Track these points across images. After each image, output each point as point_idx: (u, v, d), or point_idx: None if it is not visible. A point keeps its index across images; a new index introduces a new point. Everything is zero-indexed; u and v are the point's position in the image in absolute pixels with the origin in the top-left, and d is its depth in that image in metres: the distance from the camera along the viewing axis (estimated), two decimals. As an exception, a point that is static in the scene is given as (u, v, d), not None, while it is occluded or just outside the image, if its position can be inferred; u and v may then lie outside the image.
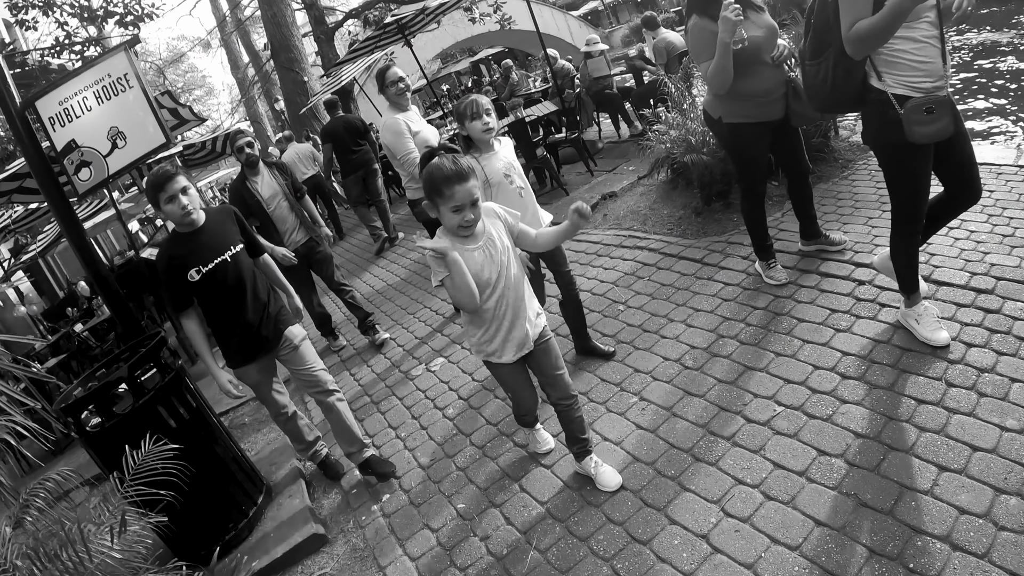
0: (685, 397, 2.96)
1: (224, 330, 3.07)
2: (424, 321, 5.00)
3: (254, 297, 3.06)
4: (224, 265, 2.95)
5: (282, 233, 4.64)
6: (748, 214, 3.58)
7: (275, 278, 3.34)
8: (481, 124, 2.94)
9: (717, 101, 3.33)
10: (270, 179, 4.66)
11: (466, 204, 2.18)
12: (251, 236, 3.24)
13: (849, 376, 2.77)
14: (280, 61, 15.34)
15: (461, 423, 3.46)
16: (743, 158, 3.45)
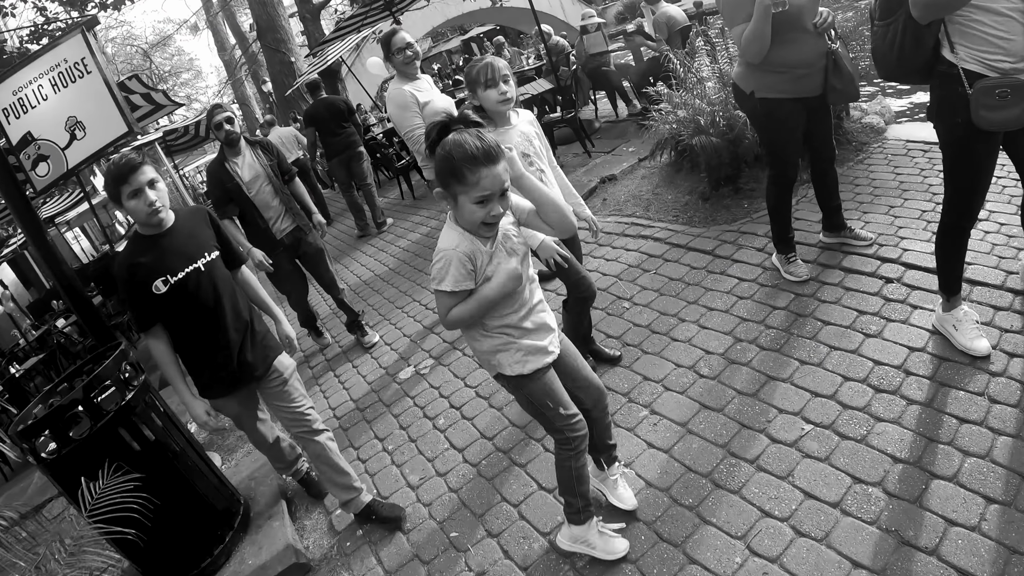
0: (701, 411, 2.68)
1: (197, 355, 2.58)
2: (413, 316, 4.69)
3: (235, 315, 2.58)
4: (197, 275, 2.48)
5: (266, 221, 4.15)
6: (774, 202, 3.26)
7: (258, 298, 2.81)
8: (497, 93, 2.53)
9: (749, 73, 2.99)
10: (252, 160, 4.12)
11: (494, 194, 1.71)
12: (228, 243, 2.73)
13: (883, 389, 2.50)
14: (266, 41, 14.93)
15: (453, 436, 3.16)
16: (775, 139, 3.10)
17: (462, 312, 1.85)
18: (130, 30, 40.88)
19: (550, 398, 2.00)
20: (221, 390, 2.64)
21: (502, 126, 2.61)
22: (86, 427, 2.64)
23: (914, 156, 4.30)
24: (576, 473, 2.08)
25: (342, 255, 7.38)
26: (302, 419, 2.74)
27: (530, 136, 2.67)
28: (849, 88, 2.89)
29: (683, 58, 4.91)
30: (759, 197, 4.24)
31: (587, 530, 2.19)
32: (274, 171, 4.17)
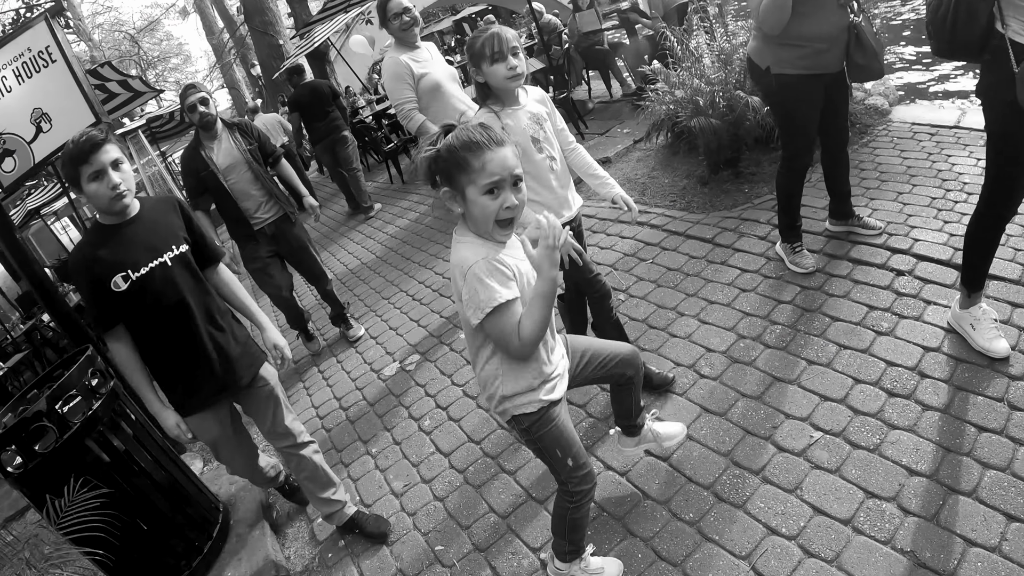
0: (703, 415, 2.51)
1: (167, 365, 2.27)
2: (399, 308, 4.49)
3: (208, 318, 2.28)
4: (163, 270, 2.18)
5: (245, 211, 3.82)
6: (785, 188, 3.05)
7: (239, 301, 2.47)
8: (505, 68, 2.21)
9: (765, 47, 2.77)
10: (229, 144, 3.76)
11: (504, 180, 1.53)
12: (202, 237, 2.40)
13: (896, 393, 2.33)
14: (254, 24, 14.54)
15: (439, 439, 2.99)
16: (792, 119, 2.89)
17: (534, 318, 1.56)
18: (117, 16, 40.20)
19: (559, 446, 1.81)
20: (197, 404, 2.30)
21: (510, 105, 2.31)
22: (52, 440, 2.47)
23: (921, 140, 4.11)
24: (571, 523, 1.93)
25: (329, 242, 7.17)
26: (288, 433, 2.51)
27: (540, 117, 2.36)
28: (873, 64, 2.68)
29: (680, 36, 4.68)
30: (760, 181, 4.05)
31: (571, 567, 2.02)
32: (254, 156, 3.82)
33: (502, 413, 1.79)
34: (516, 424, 1.79)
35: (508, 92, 2.30)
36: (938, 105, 5.51)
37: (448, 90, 3.40)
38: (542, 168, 2.32)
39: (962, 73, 6.53)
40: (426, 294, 4.47)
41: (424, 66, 3.37)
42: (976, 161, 3.66)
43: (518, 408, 1.74)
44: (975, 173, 3.54)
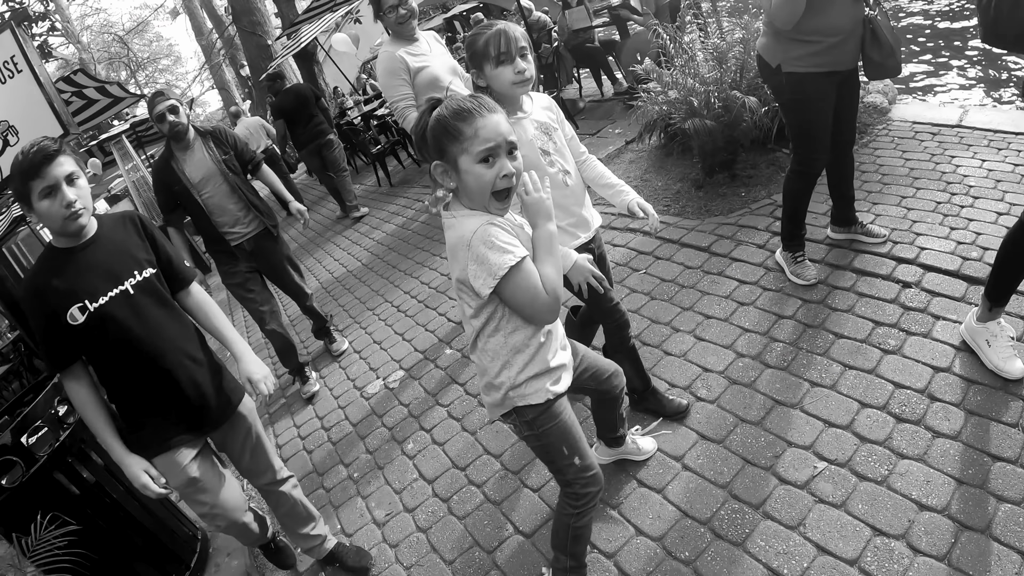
0: (700, 443, 2.36)
1: (132, 405, 2.01)
2: (384, 320, 4.33)
3: (179, 351, 2.02)
4: (125, 300, 1.93)
5: (220, 227, 3.52)
6: (794, 195, 2.88)
7: (212, 326, 2.19)
8: (512, 72, 1.93)
9: (776, 44, 2.61)
10: (203, 155, 3.45)
11: (499, 147, 1.44)
12: (169, 258, 2.12)
13: (905, 419, 2.19)
14: (242, 25, 14.31)
15: (423, 464, 2.84)
16: (804, 120, 2.71)
17: (550, 275, 1.49)
18: (107, 17, 39.96)
19: (566, 443, 1.70)
20: (169, 442, 2.02)
21: (514, 114, 2.02)
22: (19, 474, 2.32)
23: (923, 139, 3.96)
24: (574, 533, 1.81)
25: (315, 247, 6.99)
26: (267, 470, 2.30)
27: (548, 126, 2.09)
28: (888, 61, 2.51)
29: (673, 33, 4.52)
30: (757, 184, 3.90)
31: None
32: (230, 166, 3.52)
33: (503, 403, 1.65)
34: (519, 416, 1.66)
35: (514, 99, 2.03)
36: (938, 103, 5.37)
37: (448, 85, 3.13)
38: (555, 183, 2.04)
39: (959, 69, 6.38)
40: (411, 305, 4.31)
41: (421, 59, 3.12)
42: (981, 163, 3.52)
43: (524, 398, 1.63)
44: (980, 176, 3.40)
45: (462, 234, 1.47)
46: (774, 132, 3.85)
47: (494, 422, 2.86)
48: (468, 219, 1.48)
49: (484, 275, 1.45)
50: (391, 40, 3.19)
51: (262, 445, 2.27)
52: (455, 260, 1.52)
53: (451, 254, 1.54)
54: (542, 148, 2.04)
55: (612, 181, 2.26)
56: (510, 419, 1.70)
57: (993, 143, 3.71)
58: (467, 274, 1.48)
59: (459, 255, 1.49)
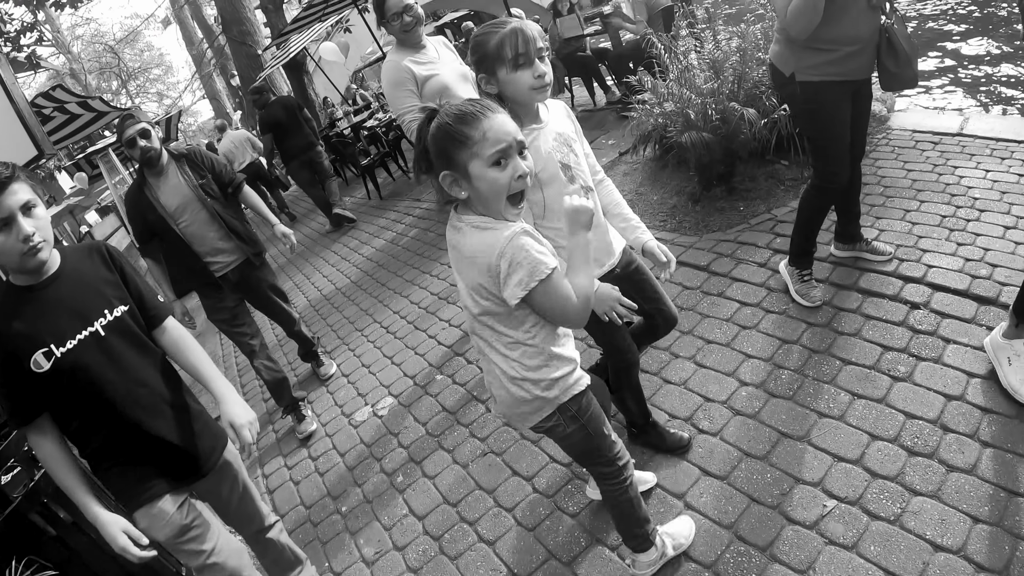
0: (702, 479, 2.23)
1: (106, 460, 1.82)
2: (373, 342, 4.20)
3: (157, 395, 1.84)
4: (95, 343, 1.74)
5: (203, 257, 3.28)
6: (812, 210, 2.74)
7: (192, 366, 1.96)
8: (531, 76, 1.71)
9: (789, 52, 2.49)
10: (178, 180, 3.21)
11: (511, 146, 1.37)
12: (141, 293, 1.92)
13: (917, 452, 2.07)
14: (232, 34, 14.22)
15: (413, 499, 2.70)
16: (823, 131, 2.57)
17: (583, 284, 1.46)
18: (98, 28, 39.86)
19: (602, 421, 1.71)
20: (151, 491, 1.83)
21: (529, 124, 1.79)
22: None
23: (924, 149, 3.87)
24: (636, 502, 1.83)
25: (304, 262, 6.85)
26: (256, 516, 2.14)
27: (568, 138, 1.87)
28: (905, 72, 2.41)
29: (668, 42, 4.42)
30: (756, 198, 3.79)
31: (659, 547, 1.94)
32: (208, 191, 3.29)
33: (545, 406, 1.60)
34: (562, 415, 1.62)
35: (530, 107, 1.81)
36: (936, 111, 5.28)
37: (458, 93, 2.91)
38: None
39: (950, 73, 6.31)
40: (401, 326, 4.18)
41: (429, 67, 2.92)
42: (985, 173, 3.42)
43: (571, 388, 1.61)
44: (985, 187, 3.30)
45: (491, 243, 1.39)
46: (772, 144, 3.74)
47: (486, 454, 2.74)
48: (489, 230, 1.41)
49: (516, 282, 1.39)
50: (396, 48, 2.97)
51: (249, 493, 2.11)
52: (472, 267, 1.44)
53: (468, 262, 1.45)
54: (562, 162, 1.81)
55: (627, 214, 2.08)
56: (551, 421, 1.63)
57: (996, 152, 3.62)
58: (494, 282, 1.41)
59: (479, 263, 1.42)
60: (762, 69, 3.71)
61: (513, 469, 2.58)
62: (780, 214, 3.51)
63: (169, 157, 3.26)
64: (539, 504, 2.38)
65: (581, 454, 1.78)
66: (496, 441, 2.77)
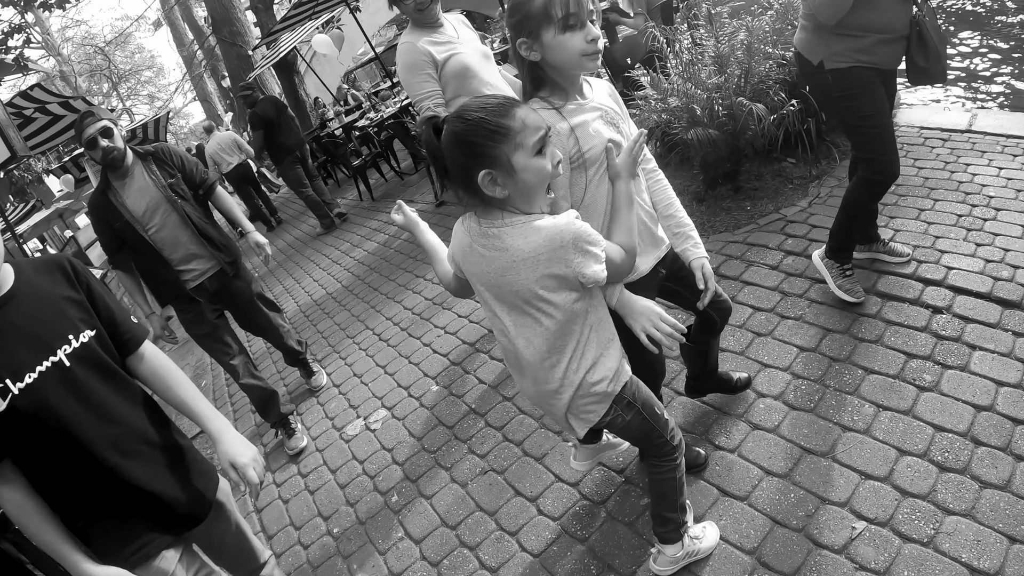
0: (720, 500, 2.09)
1: (81, 515, 1.53)
2: (365, 350, 4.03)
3: (133, 436, 1.57)
4: (60, 375, 1.46)
5: (175, 265, 3.04)
6: (860, 205, 2.54)
7: (173, 396, 1.70)
8: (583, 40, 1.48)
9: (816, 39, 2.35)
10: (145, 181, 2.95)
11: (548, 133, 1.36)
12: (112, 314, 1.63)
13: (949, 467, 1.94)
14: (222, 35, 14.07)
15: (409, 521, 2.54)
16: (863, 117, 2.36)
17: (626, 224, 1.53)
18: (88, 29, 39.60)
19: (655, 403, 1.69)
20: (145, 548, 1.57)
21: (574, 100, 1.60)
22: None
23: (933, 146, 3.74)
24: (679, 484, 1.78)
25: (294, 267, 6.68)
26: (251, 556, 1.93)
27: (614, 116, 1.66)
28: (934, 67, 2.28)
29: (671, 35, 4.26)
30: (764, 197, 3.65)
31: (685, 544, 1.87)
32: (178, 191, 3.01)
33: (604, 398, 1.56)
34: (617, 405, 1.59)
35: (574, 79, 1.60)
36: (943, 107, 5.16)
37: (481, 74, 2.67)
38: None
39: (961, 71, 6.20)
40: (394, 333, 4.02)
41: (448, 48, 2.64)
42: (998, 171, 3.30)
43: (623, 374, 1.59)
44: (999, 185, 3.18)
45: (554, 235, 1.35)
46: (780, 141, 3.60)
47: (487, 472, 2.58)
48: (548, 220, 1.38)
49: (592, 262, 1.38)
50: (411, 29, 2.69)
51: (242, 532, 1.88)
52: (535, 266, 1.38)
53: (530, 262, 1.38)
54: (611, 139, 1.60)
55: (680, 217, 1.87)
56: (609, 415, 1.59)
57: (1008, 149, 3.50)
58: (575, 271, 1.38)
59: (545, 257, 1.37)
60: (769, 63, 3.57)
61: (516, 489, 2.43)
62: (790, 214, 3.37)
63: (135, 157, 2.98)
64: (544, 528, 2.22)
65: (639, 438, 1.75)
66: (497, 458, 2.62)
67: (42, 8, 12.34)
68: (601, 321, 1.53)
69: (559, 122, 1.53)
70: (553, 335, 1.47)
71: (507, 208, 1.38)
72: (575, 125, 1.55)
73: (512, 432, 2.71)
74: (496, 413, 2.87)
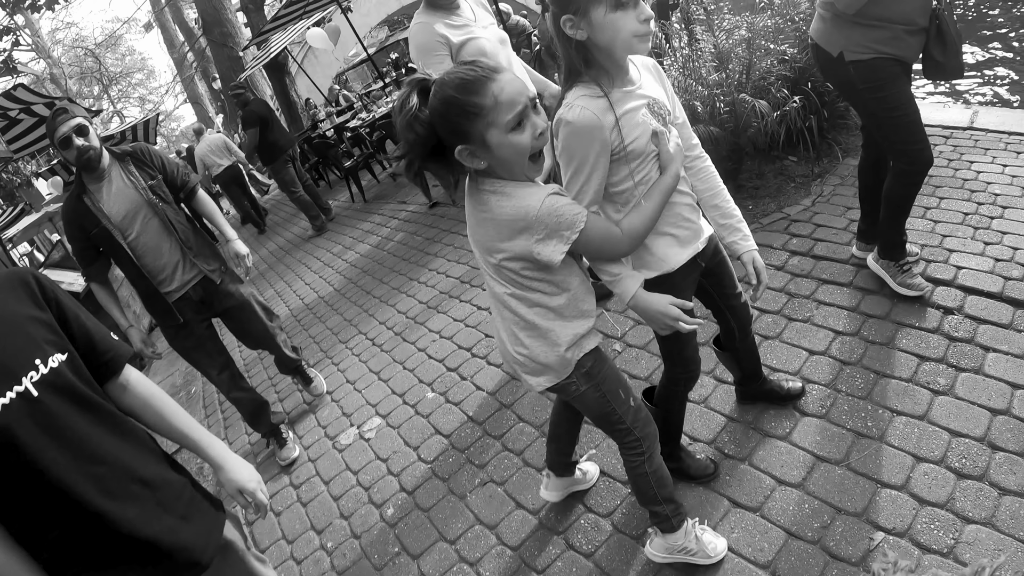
0: (732, 511, 2.00)
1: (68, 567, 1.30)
2: (358, 355, 3.93)
3: (120, 474, 1.33)
4: (26, 407, 1.22)
5: (156, 276, 2.80)
6: (903, 199, 2.44)
7: (167, 426, 1.50)
8: (636, 21, 1.38)
9: (835, 28, 2.27)
10: (124, 184, 2.72)
11: (526, 106, 1.31)
12: (88, 333, 1.41)
13: (966, 475, 1.87)
14: (212, 36, 13.95)
15: (406, 536, 2.45)
16: (892, 107, 2.26)
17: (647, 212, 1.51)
18: (79, 32, 39.38)
19: (620, 384, 1.65)
20: None
21: (621, 85, 1.50)
22: None
23: (936, 143, 3.67)
24: (655, 478, 1.73)
25: (286, 270, 6.57)
26: None
27: (661, 107, 1.56)
28: (951, 62, 2.21)
29: (668, 30, 4.18)
30: (765, 196, 3.58)
31: (683, 536, 1.82)
32: (159, 194, 2.79)
33: (565, 365, 1.54)
34: (578, 371, 1.56)
35: (621, 62, 1.49)
36: (943, 104, 5.12)
37: (497, 59, 2.49)
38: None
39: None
40: (387, 338, 3.92)
41: (465, 31, 2.50)
42: (1002, 168, 3.25)
43: (584, 346, 1.55)
44: (1004, 183, 3.13)
45: (526, 208, 1.35)
46: (781, 138, 3.53)
47: (486, 483, 2.49)
48: (526, 192, 1.37)
49: (556, 242, 1.37)
50: (425, 8, 2.53)
51: (250, 568, 1.65)
52: (508, 230, 1.38)
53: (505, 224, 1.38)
54: (656, 130, 1.52)
55: (727, 207, 1.76)
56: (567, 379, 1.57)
57: (1011, 146, 3.45)
58: (531, 247, 1.38)
59: (517, 226, 1.37)
60: (770, 59, 3.51)
61: (517, 501, 2.34)
62: (793, 213, 3.29)
63: (111, 158, 2.75)
64: (548, 541, 2.13)
65: (596, 417, 1.69)
66: (496, 469, 2.52)
67: (31, 10, 12.23)
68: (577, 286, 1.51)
69: (606, 114, 1.45)
70: (515, 299, 1.49)
71: (492, 175, 1.38)
72: (621, 115, 1.47)
73: (512, 441, 2.62)
74: (495, 421, 2.78)
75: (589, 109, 1.43)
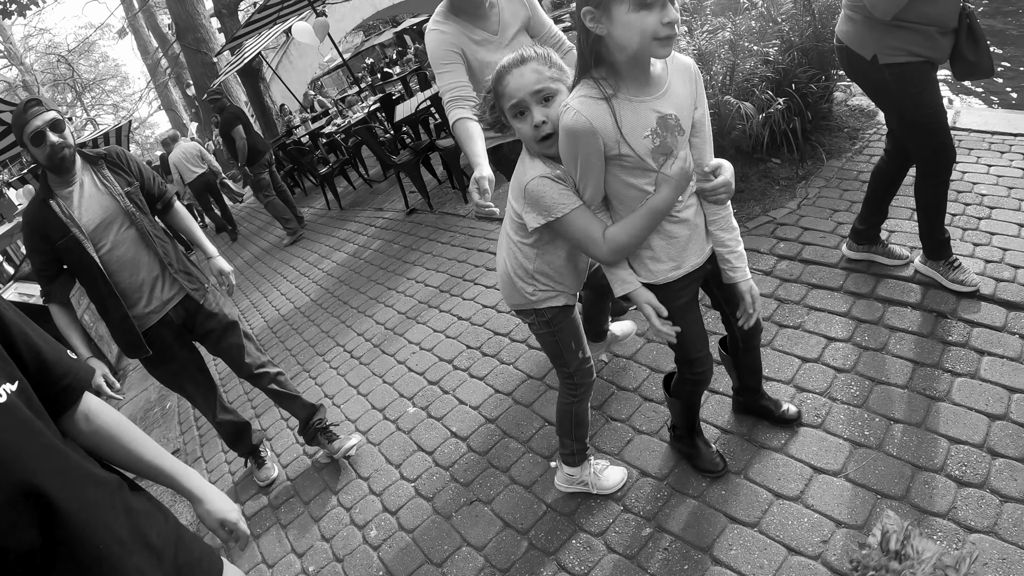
0: (728, 527, 1.92)
1: None
2: (336, 368, 3.81)
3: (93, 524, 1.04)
4: None
5: (127, 293, 2.48)
6: (939, 200, 2.41)
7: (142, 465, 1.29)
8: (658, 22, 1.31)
9: (868, 31, 2.22)
10: (97, 189, 2.44)
11: (525, 100, 1.53)
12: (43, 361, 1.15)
13: (967, 482, 1.82)
14: (186, 42, 13.82)
15: (390, 558, 2.34)
16: (925, 114, 2.24)
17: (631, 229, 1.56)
18: (51, 38, 38.76)
19: (575, 339, 1.90)
20: None
21: (636, 91, 1.44)
22: None
23: (918, 143, 3.67)
24: (576, 418, 2.03)
25: (261, 280, 6.41)
26: None
27: (675, 126, 1.47)
28: (983, 61, 2.18)
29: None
30: (750, 199, 3.53)
31: (582, 470, 2.14)
32: (136, 201, 2.51)
33: (527, 301, 1.81)
34: (539, 316, 1.84)
35: (639, 63, 1.42)
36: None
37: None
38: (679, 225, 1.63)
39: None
40: (366, 350, 3.80)
41: (488, 48, 2.39)
42: (987, 168, 3.24)
43: (547, 301, 1.80)
44: (990, 183, 3.11)
45: (524, 178, 1.60)
46: (765, 140, 3.49)
47: (472, 503, 2.39)
48: (531, 164, 1.61)
49: (535, 214, 1.59)
50: (445, 9, 2.37)
51: None
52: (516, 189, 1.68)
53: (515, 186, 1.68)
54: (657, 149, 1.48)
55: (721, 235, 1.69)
56: (529, 316, 1.87)
57: (994, 146, 3.44)
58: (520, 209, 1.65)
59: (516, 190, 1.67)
60: (753, 61, 3.46)
61: (505, 521, 2.24)
62: (779, 216, 3.25)
63: (83, 162, 2.47)
64: (539, 563, 2.04)
65: (550, 355, 1.97)
66: (482, 487, 2.42)
67: (2, 15, 11.98)
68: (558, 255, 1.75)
69: (604, 119, 1.42)
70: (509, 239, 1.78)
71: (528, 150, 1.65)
72: (623, 124, 1.42)
73: (497, 458, 2.53)
74: (479, 437, 2.68)
75: (584, 115, 1.41)
